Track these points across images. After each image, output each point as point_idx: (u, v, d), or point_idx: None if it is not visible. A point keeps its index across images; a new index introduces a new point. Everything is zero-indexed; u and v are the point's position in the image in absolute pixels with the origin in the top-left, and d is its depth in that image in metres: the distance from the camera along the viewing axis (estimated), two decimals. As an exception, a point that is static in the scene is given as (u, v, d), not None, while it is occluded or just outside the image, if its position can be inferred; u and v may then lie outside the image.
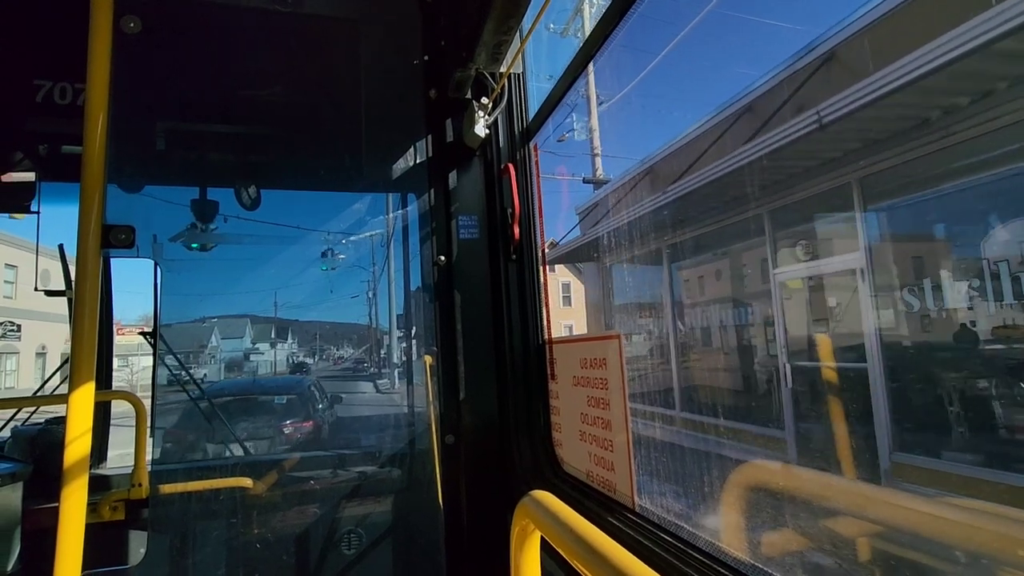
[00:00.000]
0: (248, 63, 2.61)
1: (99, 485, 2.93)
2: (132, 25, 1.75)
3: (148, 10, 1.96)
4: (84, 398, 1.42)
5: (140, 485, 2.80)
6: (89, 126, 1.50)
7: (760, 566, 1.19)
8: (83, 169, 1.49)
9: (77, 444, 1.41)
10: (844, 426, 6.91)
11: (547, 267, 2.28)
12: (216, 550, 2.56)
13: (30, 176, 2.72)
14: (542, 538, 1.12)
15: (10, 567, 2.46)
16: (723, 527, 1.90)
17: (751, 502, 1.90)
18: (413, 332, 3.36)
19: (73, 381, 1.43)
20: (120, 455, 3.55)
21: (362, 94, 2.63)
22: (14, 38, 2.49)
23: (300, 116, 2.80)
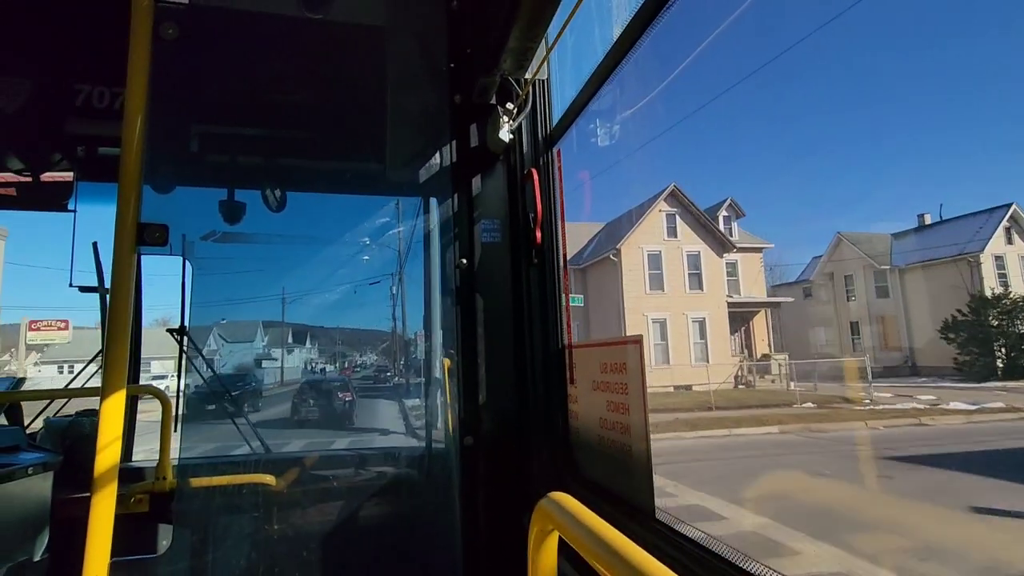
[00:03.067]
0: (278, 69, 2.67)
1: (125, 477, 3.00)
2: (171, 31, 1.80)
3: (185, 17, 2.02)
4: (116, 391, 1.46)
5: (164, 478, 2.86)
6: (127, 128, 1.55)
7: None
8: (121, 170, 1.54)
9: (109, 436, 1.45)
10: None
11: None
12: (237, 544, 2.61)
13: (68, 176, 2.81)
14: (560, 540, 1.12)
15: (39, 555, 2.53)
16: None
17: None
18: (435, 335, 3.39)
19: (106, 375, 1.48)
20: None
21: (388, 99, 2.67)
22: (56, 44, 2.59)
23: (327, 120, 2.85)
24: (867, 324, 35.01)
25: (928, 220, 36.11)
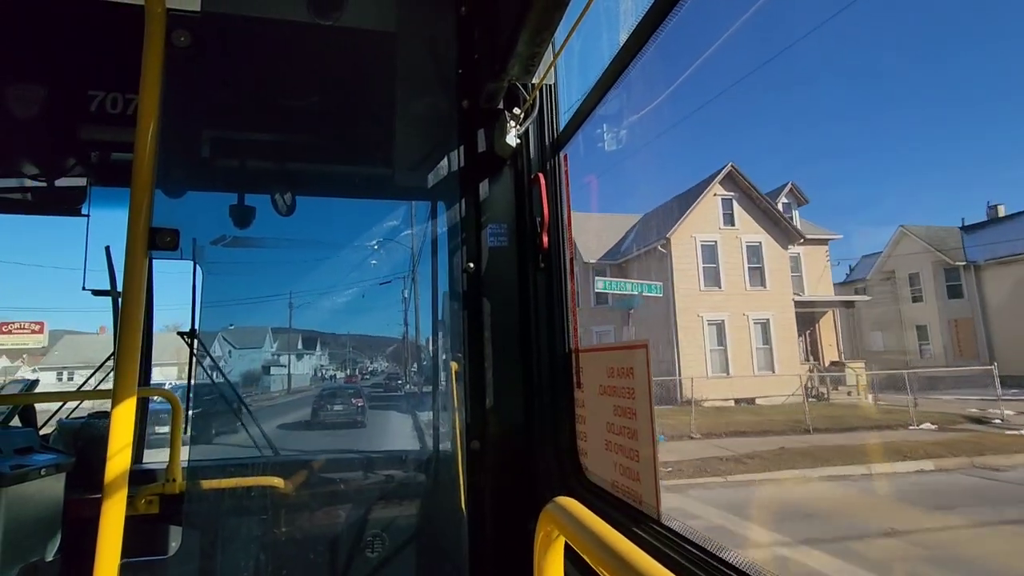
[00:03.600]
0: (289, 74, 2.70)
1: (135, 479, 3.03)
2: (183, 39, 1.83)
3: (197, 25, 2.05)
4: (128, 393, 1.48)
5: (174, 480, 2.89)
6: (140, 134, 1.57)
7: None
8: (133, 175, 1.57)
9: (120, 438, 1.46)
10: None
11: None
12: (245, 546, 2.62)
13: (81, 181, 2.86)
14: (566, 545, 1.12)
15: (52, 555, 2.55)
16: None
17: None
18: (442, 339, 3.39)
19: (118, 377, 1.49)
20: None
21: (397, 104, 2.68)
22: (71, 51, 2.63)
23: (337, 125, 2.87)
24: (937, 328, 30.31)
25: (1002, 211, 31.60)
